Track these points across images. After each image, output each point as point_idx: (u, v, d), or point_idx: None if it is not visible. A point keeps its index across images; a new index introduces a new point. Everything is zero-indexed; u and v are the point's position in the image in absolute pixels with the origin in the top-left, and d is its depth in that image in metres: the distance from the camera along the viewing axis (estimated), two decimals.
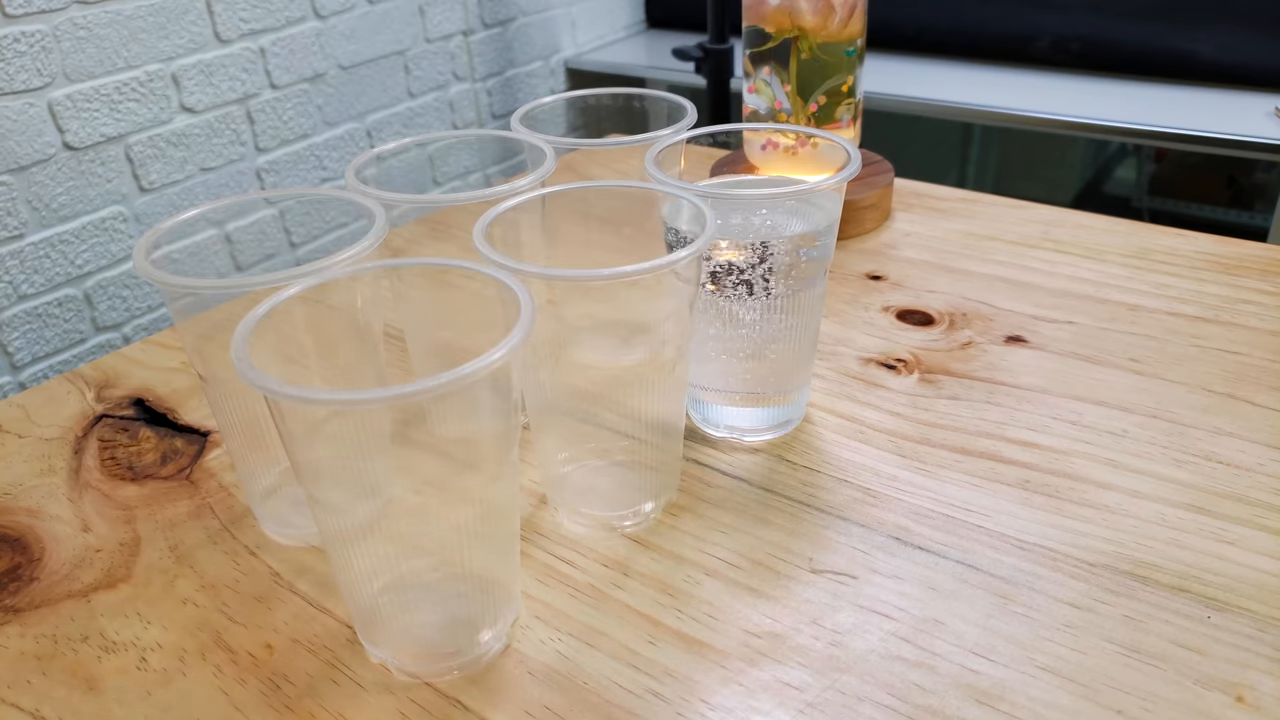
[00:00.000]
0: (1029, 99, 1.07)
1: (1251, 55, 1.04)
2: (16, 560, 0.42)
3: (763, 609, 0.37)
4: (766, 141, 0.58)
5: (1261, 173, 1.66)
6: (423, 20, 1.07)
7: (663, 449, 0.41)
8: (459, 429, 0.31)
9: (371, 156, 0.45)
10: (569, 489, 0.42)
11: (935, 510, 0.41)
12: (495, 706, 0.34)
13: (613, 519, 0.41)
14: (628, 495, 0.41)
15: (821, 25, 0.61)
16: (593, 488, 0.42)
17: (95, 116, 0.80)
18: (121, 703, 0.35)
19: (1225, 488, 0.42)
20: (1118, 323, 0.54)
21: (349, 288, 0.36)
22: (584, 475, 0.42)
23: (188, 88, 0.86)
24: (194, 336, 0.38)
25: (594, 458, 0.42)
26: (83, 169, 0.80)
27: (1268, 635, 0.35)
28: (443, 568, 0.35)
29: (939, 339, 0.54)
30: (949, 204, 0.71)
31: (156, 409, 0.52)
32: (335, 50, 0.98)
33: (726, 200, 0.41)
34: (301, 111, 0.97)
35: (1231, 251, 0.61)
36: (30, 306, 0.79)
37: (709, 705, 0.33)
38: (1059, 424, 0.46)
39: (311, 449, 0.31)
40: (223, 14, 0.87)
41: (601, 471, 0.42)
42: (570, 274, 0.34)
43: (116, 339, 0.86)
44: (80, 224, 0.81)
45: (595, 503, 0.41)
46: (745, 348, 0.43)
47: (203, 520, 0.44)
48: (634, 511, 0.41)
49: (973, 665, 0.34)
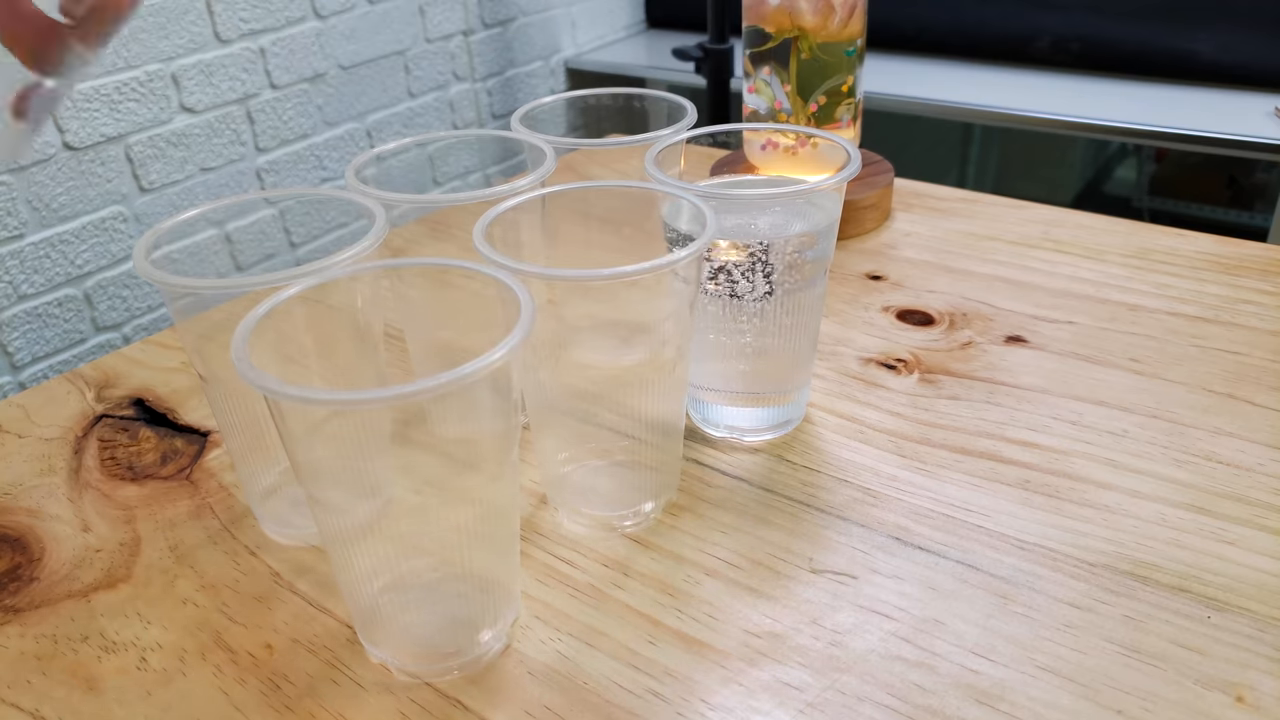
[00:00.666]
0: (1029, 99, 1.07)
1: (1251, 55, 1.04)
2: (16, 560, 0.42)
3: (763, 609, 0.37)
4: (766, 141, 0.58)
5: (1261, 173, 1.66)
6: (423, 20, 1.07)
7: (663, 449, 0.41)
8: (459, 429, 0.31)
9: (371, 156, 0.45)
10: (569, 489, 0.42)
11: (935, 510, 0.41)
12: (495, 706, 0.34)
13: (613, 519, 0.41)
14: (628, 495, 0.41)
15: (821, 25, 0.61)
16: (593, 488, 0.42)
17: (95, 116, 0.80)
18: (121, 703, 0.35)
19: (1225, 488, 0.42)
20: (1118, 323, 0.54)
21: (349, 288, 0.36)
22: (584, 475, 0.42)
23: (188, 88, 0.86)
24: (194, 336, 0.38)
25: (594, 458, 0.42)
26: (83, 169, 0.80)
27: (1268, 635, 0.35)
28: (443, 568, 0.35)
29: (939, 339, 0.54)
30: (949, 204, 0.71)
31: (156, 409, 0.52)
32: (335, 50, 0.98)
33: (726, 200, 0.41)
34: (301, 111, 0.97)
35: (1231, 251, 0.61)
36: (30, 306, 0.79)
37: (709, 705, 0.33)
38: (1059, 424, 0.46)
39: (311, 449, 0.31)
40: (223, 14, 0.87)
41: (601, 471, 0.42)
42: (570, 274, 0.34)
43: (116, 339, 0.86)
44: (80, 224, 0.81)
45: (595, 503, 0.41)
46: (745, 348, 0.43)
47: (203, 520, 0.44)
48: (634, 511, 0.41)
49: (973, 665, 0.34)
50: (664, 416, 0.40)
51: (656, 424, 0.40)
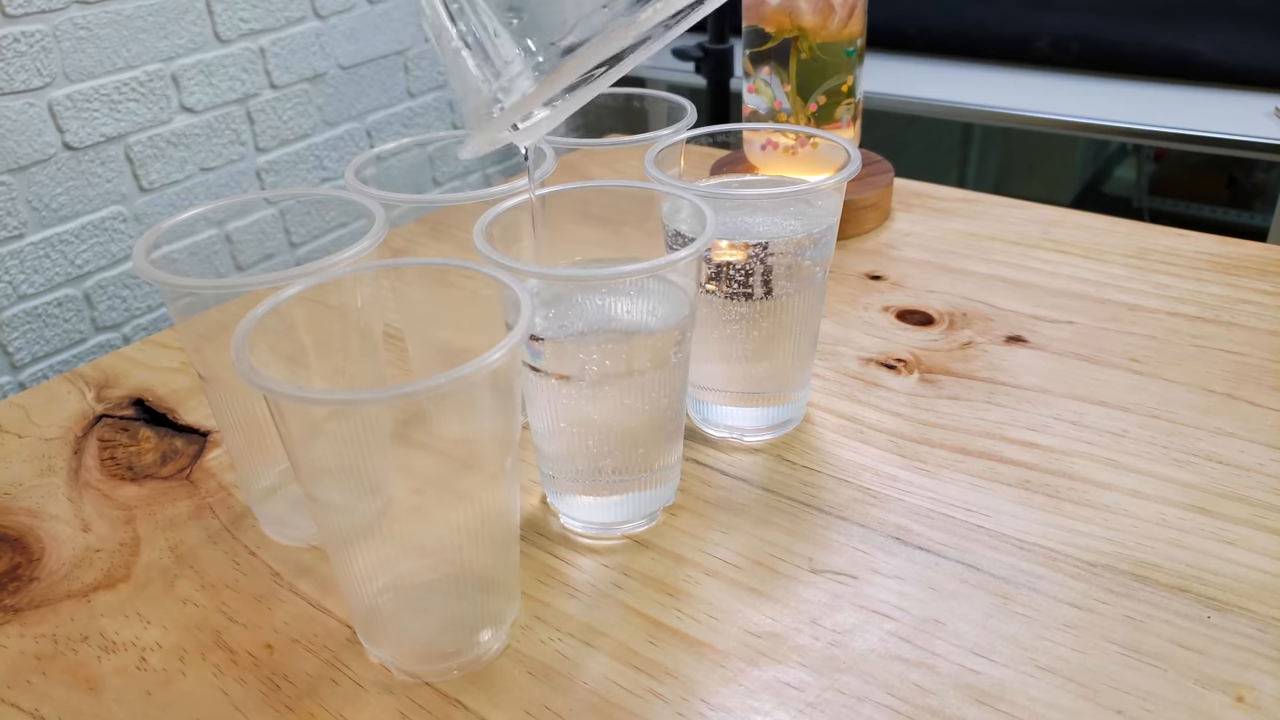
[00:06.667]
0: (1029, 99, 1.07)
1: (1251, 55, 1.04)
2: (16, 560, 0.42)
3: (763, 609, 0.37)
4: (766, 141, 0.58)
5: (1261, 173, 1.66)
6: (423, 20, 1.07)
7: (664, 450, 0.41)
8: (459, 429, 0.31)
9: (371, 156, 0.45)
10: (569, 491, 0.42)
11: (935, 510, 0.41)
12: (495, 706, 0.34)
13: (613, 519, 0.41)
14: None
15: (821, 25, 0.61)
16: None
17: (95, 116, 0.80)
18: (121, 703, 0.35)
19: (1225, 488, 0.42)
20: (1118, 323, 0.54)
21: (349, 288, 0.36)
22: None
23: (188, 88, 0.86)
24: (194, 336, 0.38)
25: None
26: (83, 169, 0.80)
27: (1268, 635, 0.35)
28: (443, 568, 0.35)
29: (939, 339, 0.54)
30: (949, 204, 0.71)
31: (156, 409, 0.52)
32: (335, 50, 0.98)
33: (726, 200, 0.41)
34: (301, 111, 0.97)
35: (1231, 251, 0.61)
36: (30, 306, 0.79)
37: (709, 705, 0.33)
38: (1059, 424, 0.46)
39: (311, 449, 0.31)
40: (222, 14, 0.87)
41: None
42: (570, 274, 0.34)
43: (116, 339, 0.86)
44: (80, 224, 0.81)
45: (596, 508, 0.41)
46: (745, 348, 0.43)
47: (203, 520, 0.44)
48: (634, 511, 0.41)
49: (973, 665, 0.34)
50: (664, 417, 0.39)
51: (657, 424, 0.39)
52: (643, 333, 0.37)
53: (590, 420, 0.38)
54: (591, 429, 0.38)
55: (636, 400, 0.37)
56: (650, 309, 0.38)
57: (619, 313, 0.38)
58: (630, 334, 0.37)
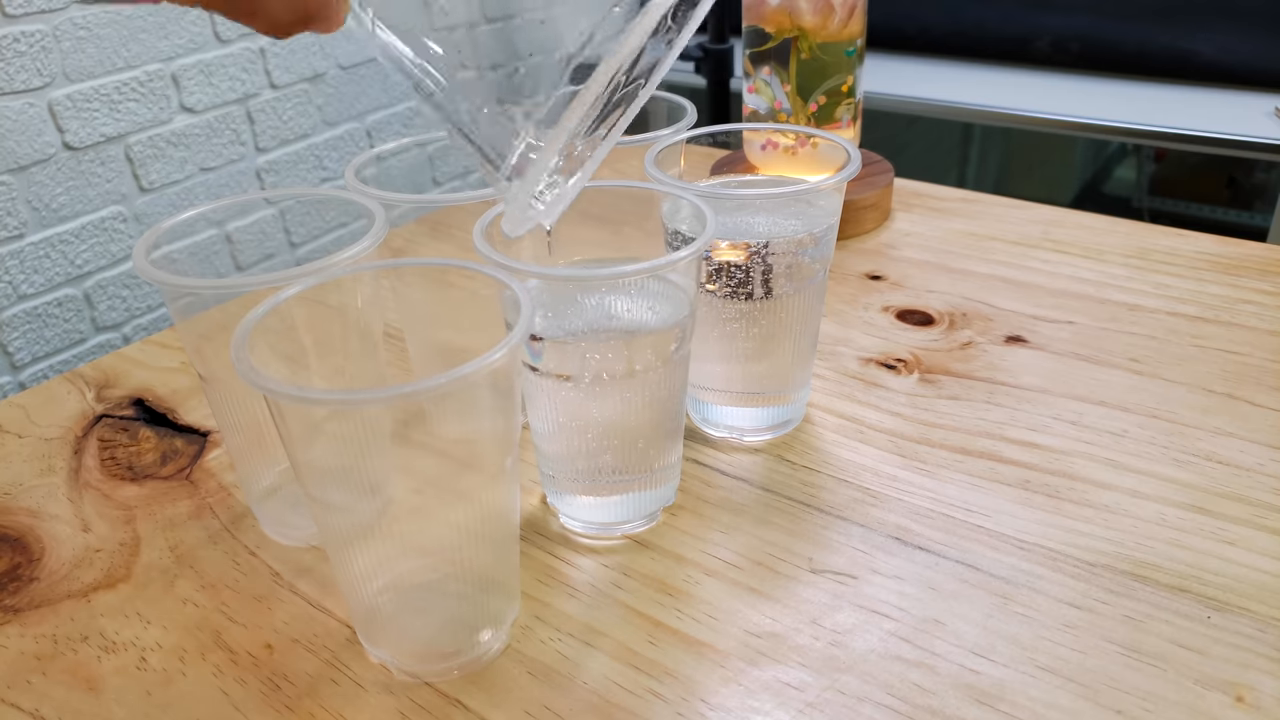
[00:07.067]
0: (1029, 99, 1.07)
1: (1251, 55, 1.04)
2: (16, 560, 0.42)
3: (763, 609, 0.37)
4: (766, 141, 0.58)
5: (1261, 173, 1.66)
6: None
7: (664, 450, 0.41)
8: (459, 429, 0.31)
9: (371, 156, 0.45)
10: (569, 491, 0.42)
11: (935, 510, 0.41)
12: (495, 706, 0.34)
13: (613, 519, 0.41)
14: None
15: (821, 25, 0.61)
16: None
17: (95, 116, 0.80)
18: (121, 703, 0.35)
19: (1225, 488, 0.42)
20: (1118, 323, 0.54)
21: (349, 288, 0.36)
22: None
23: (188, 88, 0.86)
24: (194, 336, 0.38)
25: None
26: (83, 169, 0.80)
27: (1268, 635, 0.35)
28: (443, 568, 0.35)
29: (939, 339, 0.54)
30: (949, 204, 0.71)
31: (156, 409, 0.52)
32: (335, 50, 0.98)
33: (726, 200, 0.41)
34: (301, 111, 0.97)
35: (1231, 251, 0.61)
36: (30, 306, 0.79)
37: (709, 705, 0.33)
38: (1059, 424, 0.46)
39: (311, 449, 0.31)
40: None
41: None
42: (570, 274, 0.34)
43: (116, 339, 0.86)
44: (80, 224, 0.80)
45: (596, 508, 0.41)
46: (745, 348, 0.43)
47: (203, 520, 0.44)
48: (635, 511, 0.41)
49: (973, 665, 0.34)
50: (664, 417, 0.39)
51: (657, 424, 0.39)
52: (643, 333, 0.37)
53: (590, 420, 0.38)
54: (591, 429, 0.38)
55: (636, 400, 0.37)
56: (650, 309, 0.38)
57: (619, 312, 0.38)
58: (630, 334, 0.37)
